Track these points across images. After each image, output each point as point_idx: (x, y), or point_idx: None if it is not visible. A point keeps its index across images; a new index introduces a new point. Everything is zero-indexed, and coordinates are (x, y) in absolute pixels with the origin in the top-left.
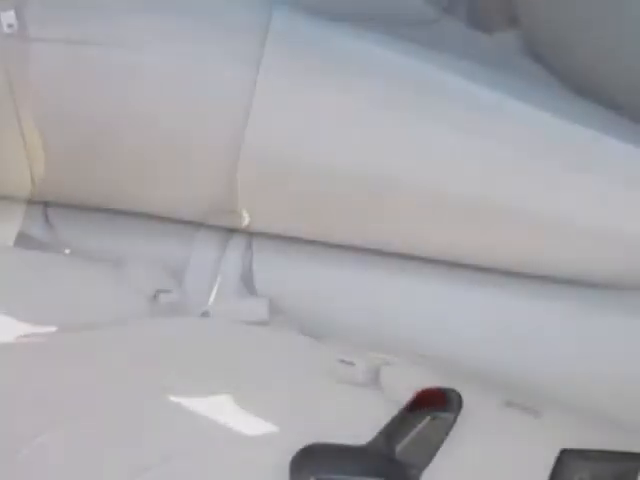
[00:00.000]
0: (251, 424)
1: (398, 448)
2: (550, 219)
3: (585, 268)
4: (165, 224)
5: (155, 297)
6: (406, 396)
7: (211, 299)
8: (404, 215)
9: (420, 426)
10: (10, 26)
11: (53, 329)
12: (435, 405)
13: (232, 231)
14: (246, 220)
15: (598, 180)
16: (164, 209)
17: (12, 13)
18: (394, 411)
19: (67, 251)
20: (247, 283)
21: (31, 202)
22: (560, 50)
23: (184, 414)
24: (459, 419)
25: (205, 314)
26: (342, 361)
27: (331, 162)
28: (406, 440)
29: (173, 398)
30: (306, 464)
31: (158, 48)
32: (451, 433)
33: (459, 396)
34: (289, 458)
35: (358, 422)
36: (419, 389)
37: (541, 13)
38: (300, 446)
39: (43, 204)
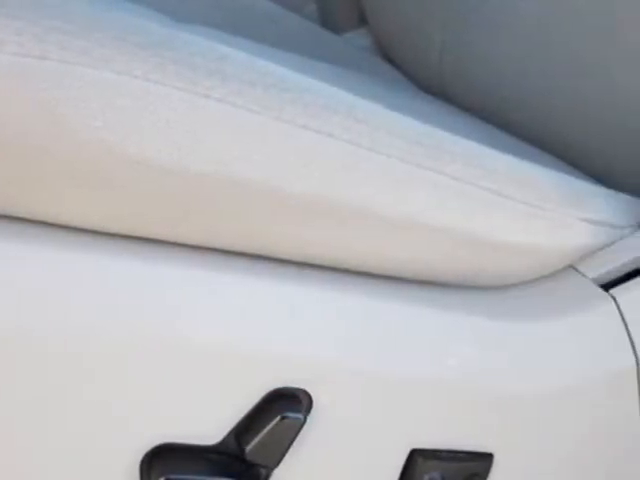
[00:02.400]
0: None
1: (248, 448)
2: (395, 219)
3: (433, 268)
4: None
5: None
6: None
7: None
8: (251, 215)
9: (270, 426)
10: None
11: None
12: (285, 405)
13: None
14: None
15: (443, 180)
16: None
17: None
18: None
19: None
20: None
21: None
22: (408, 51)
23: None
24: (310, 419)
25: None
26: None
27: (178, 162)
28: (256, 440)
29: None
30: (156, 464)
31: None
32: (302, 432)
33: (309, 396)
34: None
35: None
36: (270, 389)
37: (388, 12)
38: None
39: None
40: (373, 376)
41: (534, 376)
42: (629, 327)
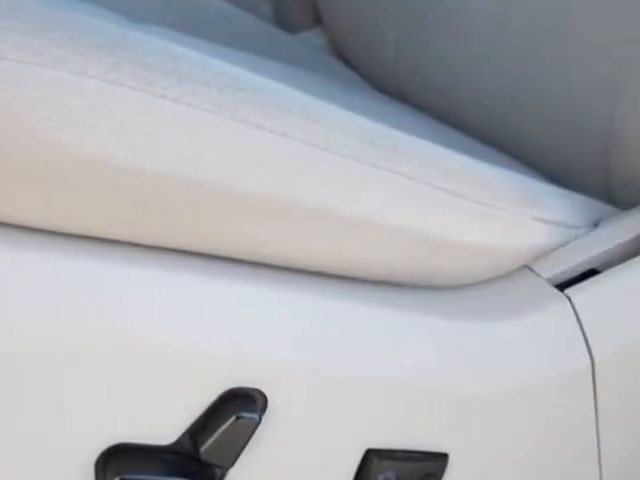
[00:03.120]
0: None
1: (203, 448)
2: (350, 219)
3: (389, 267)
4: None
5: None
6: None
7: None
8: (207, 215)
9: (225, 426)
10: None
11: None
12: (240, 405)
13: None
14: None
15: (398, 179)
16: None
17: None
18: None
19: None
20: None
21: None
22: (363, 50)
23: None
24: (265, 419)
25: None
26: None
27: (134, 162)
28: (211, 440)
29: None
30: (111, 464)
31: None
32: (257, 432)
33: (265, 396)
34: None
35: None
36: (225, 389)
37: (343, 11)
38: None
39: None
40: (328, 376)
41: (489, 376)
42: (584, 327)
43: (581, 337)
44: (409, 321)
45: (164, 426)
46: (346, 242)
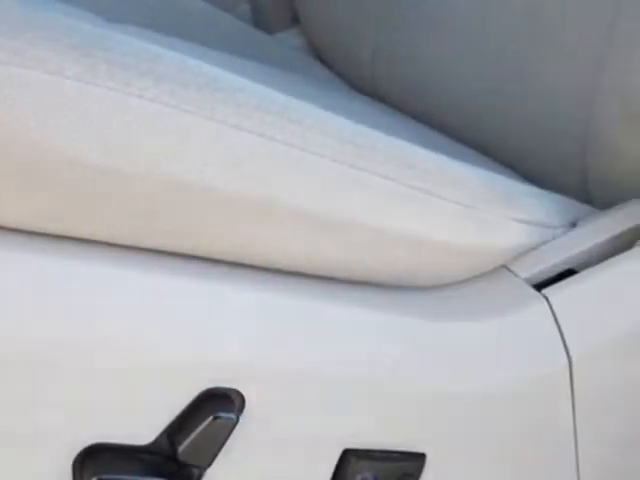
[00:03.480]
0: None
1: (180, 448)
2: (328, 219)
3: (366, 268)
4: None
5: None
6: None
7: None
8: (184, 215)
9: (202, 426)
10: None
11: None
12: (218, 405)
13: None
14: None
15: (376, 180)
16: None
17: None
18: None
19: None
20: None
21: None
22: (341, 50)
23: None
24: (242, 418)
25: None
26: None
27: (111, 162)
28: (188, 440)
29: None
30: (88, 464)
31: None
32: (234, 432)
33: (242, 396)
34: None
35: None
36: (203, 389)
37: (321, 12)
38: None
39: None
40: (306, 376)
41: (467, 376)
42: (561, 327)
43: (559, 337)
44: (387, 321)
45: (142, 426)
46: (324, 242)
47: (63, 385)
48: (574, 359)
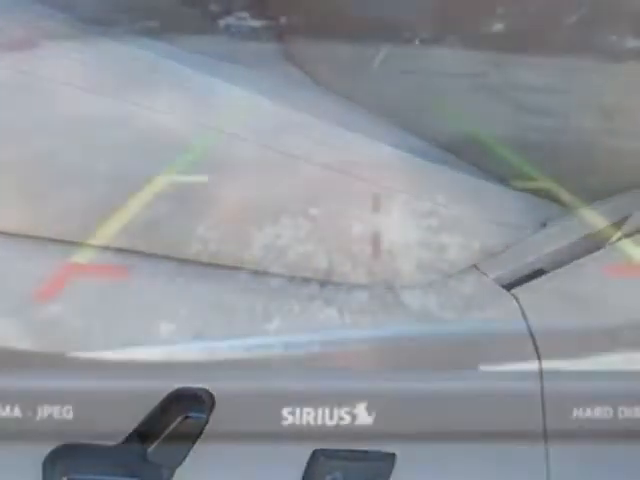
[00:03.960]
0: None
1: (150, 448)
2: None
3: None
4: None
5: None
6: None
7: None
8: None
9: (172, 426)
10: None
11: None
12: (188, 405)
13: None
14: None
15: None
16: None
17: None
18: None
19: None
20: None
21: None
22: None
23: None
24: (212, 418)
25: None
26: None
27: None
28: (158, 440)
29: None
30: (58, 464)
31: None
32: (204, 432)
33: (212, 396)
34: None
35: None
36: (172, 389)
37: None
38: None
39: None
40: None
41: (437, 375)
42: (531, 327)
43: (528, 336)
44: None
45: (112, 426)
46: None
47: None
48: (543, 358)
